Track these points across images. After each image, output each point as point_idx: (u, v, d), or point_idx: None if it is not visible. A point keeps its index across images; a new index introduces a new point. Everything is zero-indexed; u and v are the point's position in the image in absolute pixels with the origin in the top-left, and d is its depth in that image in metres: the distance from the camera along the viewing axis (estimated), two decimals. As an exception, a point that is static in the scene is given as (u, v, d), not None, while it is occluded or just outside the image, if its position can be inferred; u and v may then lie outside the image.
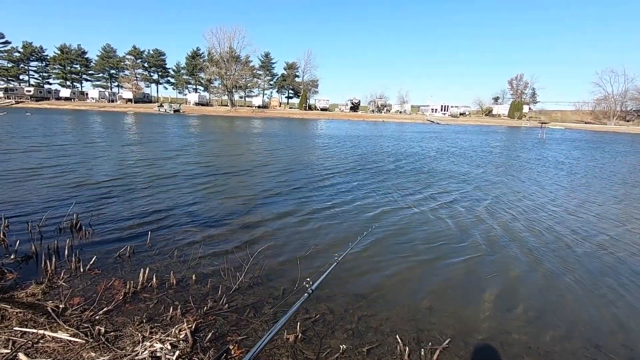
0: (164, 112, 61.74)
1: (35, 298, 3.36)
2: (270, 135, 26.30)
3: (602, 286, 4.35)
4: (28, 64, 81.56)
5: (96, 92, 78.00)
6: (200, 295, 3.66)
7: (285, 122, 48.19)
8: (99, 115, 45.38)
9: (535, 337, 3.27)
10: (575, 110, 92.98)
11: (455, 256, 5.05)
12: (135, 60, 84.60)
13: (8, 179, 8.40)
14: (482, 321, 3.50)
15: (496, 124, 70.90)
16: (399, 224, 6.35)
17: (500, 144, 26.14)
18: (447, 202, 8.03)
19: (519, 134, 43.30)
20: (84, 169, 10.16)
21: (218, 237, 5.34)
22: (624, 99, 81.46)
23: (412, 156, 16.69)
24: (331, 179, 10.19)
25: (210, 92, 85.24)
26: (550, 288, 4.26)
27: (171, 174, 10.05)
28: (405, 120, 73.16)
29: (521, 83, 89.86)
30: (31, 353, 2.50)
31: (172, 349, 2.69)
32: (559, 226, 6.61)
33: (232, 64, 75.59)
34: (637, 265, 5.01)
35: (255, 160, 13.84)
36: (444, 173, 12.21)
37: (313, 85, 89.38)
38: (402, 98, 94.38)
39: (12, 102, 64.44)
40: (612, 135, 49.70)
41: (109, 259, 4.38)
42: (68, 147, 14.61)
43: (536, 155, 19.24)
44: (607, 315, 3.72)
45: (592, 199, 9.16)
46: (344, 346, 2.98)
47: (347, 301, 3.73)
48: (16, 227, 5.26)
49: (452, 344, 3.09)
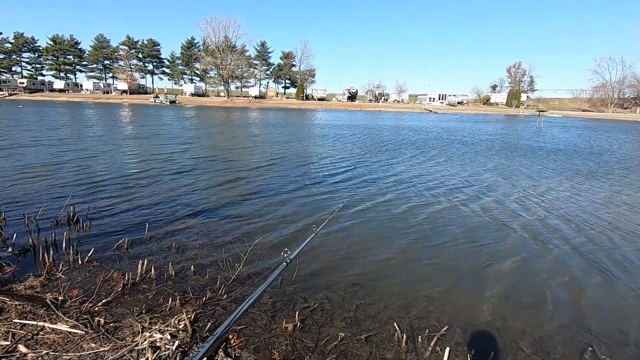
0: (160, 104, 61.15)
1: (34, 290, 3.36)
2: (267, 126, 26.14)
3: (604, 274, 4.39)
4: (20, 55, 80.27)
5: (91, 84, 77.07)
6: (199, 286, 3.67)
7: (282, 113, 47.83)
8: (94, 107, 44.89)
9: (531, 323, 3.31)
10: (573, 98, 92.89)
11: (453, 243, 5.08)
12: (129, 50, 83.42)
13: (3, 172, 8.33)
14: (480, 308, 3.53)
15: (494, 112, 70.69)
16: (397, 211, 6.36)
17: (500, 133, 26.15)
18: (446, 189, 8.05)
19: (517, 122, 43.21)
20: (79, 161, 10.09)
21: (216, 228, 5.34)
22: (622, 86, 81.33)
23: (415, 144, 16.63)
24: (330, 170, 10.18)
25: (206, 82, 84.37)
26: (549, 274, 4.29)
27: (168, 166, 10.00)
28: (403, 109, 72.82)
29: (519, 71, 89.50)
30: (31, 345, 2.51)
31: (171, 339, 2.70)
32: (561, 212, 6.66)
33: (228, 53, 74.64)
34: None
35: (253, 152, 13.79)
36: (443, 162, 12.23)
37: (310, 75, 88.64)
38: (400, 87, 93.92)
39: (5, 94, 63.57)
40: (610, 122, 49.71)
41: (107, 251, 4.38)
42: (63, 140, 14.48)
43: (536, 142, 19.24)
44: (607, 302, 3.77)
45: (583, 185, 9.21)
46: (342, 334, 3.01)
47: (345, 290, 3.76)
48: (13, 220, 5.24)
49: (449, 331, 3.13)
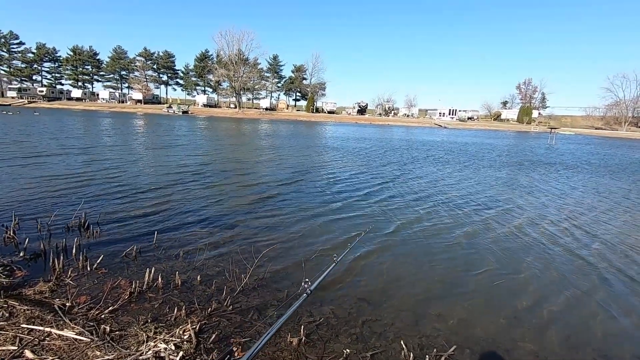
0: (173, 113, 62.47)
1: (43, 296, 3.39)
2: (279, 138, 26.40)
3: (614, 295, 4.26)
4: (41, 64, 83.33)
5: (107, 93, 79.34)
6: (204, 296, 3.66)
7: (293, 125, 48.29)
8: (109, 116, 46.01)
9: (542, 346, 3.20)
10: (585, 115, 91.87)
11: (462, 262, 4.99)
12: (145, 61, 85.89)
13: (19, 178, 8.54)
14: (490, 328, 3.44)
15: (505, 128, 70.24)
16: (401, 228, 6.30)
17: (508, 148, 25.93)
18: (455, 209, 7.96)
19: (528, 139, 42.80)
20: (92, 168, 10.29)
21: (223, 239, 5.35)
22: (636, 104, 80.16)
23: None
24: (338, 183, 10.18)
25: (219, 93, 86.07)
26: (561, 296, 4.18)
27: (180, 175, 10.12)
28: (413, 124, 72.92)
29: (530, 87, 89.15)
30: (37, 350, 2.52)
31: (175, 349, 2.69)
32: (577, 230, 6.51)
33: (241, 66, 76.28)
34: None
35: (263, 163, 13.89)
36: (454, 179, 12.12)
37: (320, 88, 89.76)
38: (409, 101, 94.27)
39: (24, 101, 65.76)
40: (626, 141, 48.87)
41: (116, 259, 4.42)
42: (77, 148, 14.82)
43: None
44: (622, 325, 3.64)
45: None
46: (347, 350, 2.95)
47: (351, 305, 3.70)
48: (26, 225, 5.34)
49: (457, 351, 3.05)
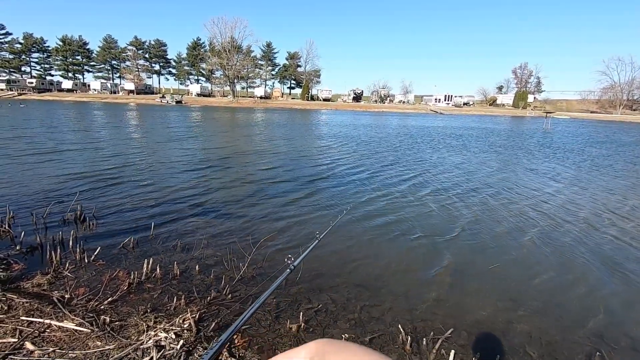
0: (166, 104, 61.63)
1: (41, 288, 3.39)
2: (273, 127, 26.21)
3: (613, 275, 4.33)
4: (29, 55, 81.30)
5: (98, 84, 77.91)
6: (203, 286, 3.68)
7: (287, 114, 47.86)
8: (101, 108, 45.33)
9: (538, 328, 3.27)
10: (580, 99, 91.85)
11: (458, 246, 5.04)
12: (136, 51, 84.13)
13: (11, 170, 8.44)
14: (486, 311, 3.50)
15: (500, 113, 70.19)
16: (400, 214, 6.34)
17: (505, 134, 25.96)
18: (449, 193, 8.01)
19: (524, 123, 42.86)
20: (86, 160, 10.19)
21: (221, 228, 5.35)
22: (631, 87, 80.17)
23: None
24: (334, 170, 10.18)
25: (212, 82, 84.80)
26: (557, 275, 4.24)
27: (175, 166, 10.06)
28: (408, 110, 72.57)
29: (525, 72, 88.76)
30: (38, 342, 2.54)
31: (176, 338, 2.71)
32: (573, 217, 6.59)
33: (234, 54, 75.05)
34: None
35: (259, 153, 13.82)
36: (443, 165, 12.16)
37: (315, 76, 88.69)
38: (405, 88, 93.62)
39: (14, 94, 64.45)
40: (619, 124, 49.10)
41: (113, 250, 4.42)
42: (70, 140, 14.63)
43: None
44: (615, 307, 3.72)
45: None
46: (346, 335, 3.00)
47: (349, 291, 3.74)
48: (21, 218, 5.30)
49: (455, 333, 3.10)
